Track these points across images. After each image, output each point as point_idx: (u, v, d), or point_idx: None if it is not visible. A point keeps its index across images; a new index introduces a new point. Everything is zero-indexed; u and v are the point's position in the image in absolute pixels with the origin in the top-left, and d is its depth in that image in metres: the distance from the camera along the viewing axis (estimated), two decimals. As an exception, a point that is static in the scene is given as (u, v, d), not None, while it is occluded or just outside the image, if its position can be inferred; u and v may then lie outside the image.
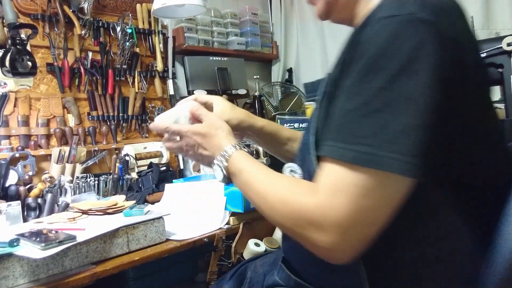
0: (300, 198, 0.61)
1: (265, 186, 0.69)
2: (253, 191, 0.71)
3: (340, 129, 0.58)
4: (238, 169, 0.75)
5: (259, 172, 0.72)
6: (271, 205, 0.66)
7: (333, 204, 0.56)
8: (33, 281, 0.85)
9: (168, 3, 1.53)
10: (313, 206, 0.59)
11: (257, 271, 0.92)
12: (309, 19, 2.43)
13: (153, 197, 1.52)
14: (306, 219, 0.59)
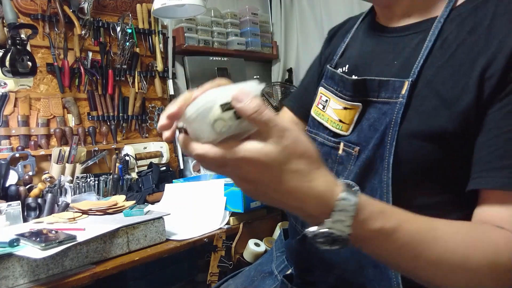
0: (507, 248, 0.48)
1: (454, 253, 0.47)
2: (429, 260, 0.47)
3: None
4: (383, 232, 0.45)
5: (427, 229, 0.48)
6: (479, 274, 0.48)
7: None
8: (33, 281, 0.85)
9: (168, 3, 1.53)
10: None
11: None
12: (309, 19, 2.43)
13: (153, 197, 1.52)
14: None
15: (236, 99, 0.40)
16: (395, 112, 0.58)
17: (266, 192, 0.44)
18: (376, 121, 0.61)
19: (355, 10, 2.13)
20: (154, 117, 1.92)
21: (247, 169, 0.42)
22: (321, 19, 2.33)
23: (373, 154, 0.59)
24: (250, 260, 1.22)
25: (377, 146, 0.59)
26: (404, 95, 0.58)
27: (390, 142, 0.57)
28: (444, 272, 0.47)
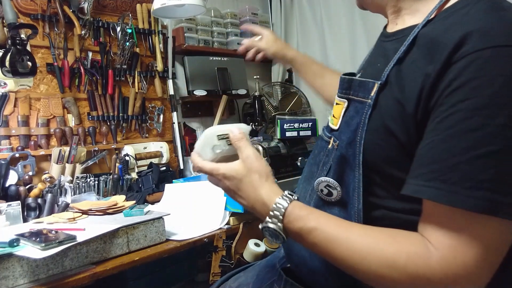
0: (419, 259, 0.53)
1: (361, 248, 0.57)
2: (340, 254, 0.58)
3: (448, 168, 0.51)
4: (305, 229, 0.60)
5: (340, 229, 0.59)
6: (373, 270, 0.56)
7: (463, 259, 0.51)
8: (33, 281, 0.85)
9: (168, 3, 1.53)
10: (437, 265, 0.52)
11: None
12: (309, 19, 2.43)
13: (153, 197, 1.52)
14: (430, 280, 0.52)
15: (230, 131, 0.70)
16: (364, 112, 0.63)
17: (235, 197, 0.70)
18: (350, 119, 0.66)
19: (355, 10, 2.13)
20: (154, 117, 1.92)
21: (223, 180, 0.70)
22: (321, 19, 2.33)
23: (346, 151, 0.65)
24: (250, 260, 1.22)
25: (349, 144, 0.65)
26: (372, 96, 0.62)
27: (359, 141, 0.62)
28: (351, 265, 0.57)
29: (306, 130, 1.77)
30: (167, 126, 1.97)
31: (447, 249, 0.52)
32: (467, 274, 0.51)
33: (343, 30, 2.21)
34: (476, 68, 0.50)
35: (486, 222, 0.50)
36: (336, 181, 0.66)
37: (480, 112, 0.50)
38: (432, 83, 0.54)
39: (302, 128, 1.76)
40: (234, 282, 0.88)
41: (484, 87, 0.50)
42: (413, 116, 0.56)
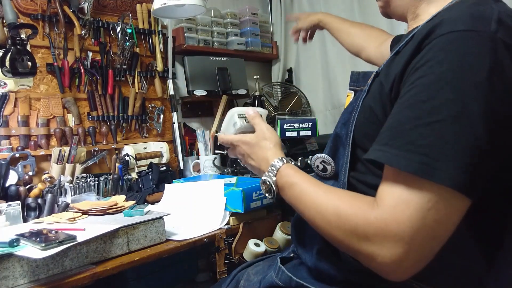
0: (362, 211, 0.59)
1: (318, 200, 0.66)
2: (306, 205, 0.69)
3: (397, 134, 0.56)
4: (288, 183, 0.73)
5: (313, 186, 0.70)
6: (327, 220, 0.64)
7: (396, 217, 0.55)
8: (33, 281, 0.85)
9: (168, 3, 1.53)
10: (375, 219, 0.57)
11: (250, 279, 0.91)
12: (309, 19, 2.42)
13: (153, 197, 1.52)
14: (366, 233, 0.57)
15: (247, 111, 0.92)
16: (360, 96, 0.72)
17: (250, 163, 0.86)
18: (350, 105, 0.75)
19: (355, 10, 2.13)
20: (154, 117, 1.92)
21: (241, 146, 0.87)
22: (321, 19, 2.33)
23: (340, 130, 0.74)
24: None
25: (344, 124, 0.73)
26: (368, 83, 0.72)
27: (352, 121, 0.71)
28: (311, 214, 0.67)
29: (306, 130, 1.77)
30: (167, 126, 1.97)
31: (386, 206, 0.56)
32: (400, 232, 0.54)
33: (343, 30, 2.21)
34: (435, 50, 0.56)
35: (423, 186, 0.54)
36: (330, 157, 0.75)
37: (430, 86, 0.55)
38: (403, 67, 0.60)
39: (302, 128, 1.76)
40: (253, 269, 0.95)
41: (437, 65, 0.55)
42: (388, 95, 0.63)
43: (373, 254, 0.57)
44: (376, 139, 0.60)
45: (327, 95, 2.33)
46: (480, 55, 0.54)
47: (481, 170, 0.53)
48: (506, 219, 0.63)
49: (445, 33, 0.56)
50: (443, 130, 0.53)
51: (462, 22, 0.57)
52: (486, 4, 0.60)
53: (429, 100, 0.54)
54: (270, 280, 0.83)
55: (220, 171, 1.79)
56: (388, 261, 0.55)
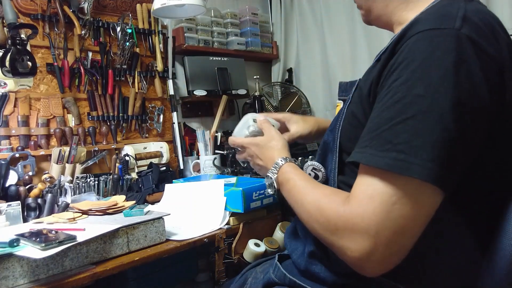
0: (335, 205, 0.62)
1: (305, 194, 0.71)
2: (294, 198, 0.74)
3: (375, 136, 0.59)
4: (285, 179, 0.79)
5: (303, 182, 0.74)
6: (309, 212, 0.68)
7: (363, 211, 0.57)
8: (33, 281, 0.85)
9: (168, 3, 1.53)
10: (344, 213, 0.59)
11: (257, 277, 0.93)
12: (309, 19, 2.43)
13: (153, 197, 1.52)
14: (337, 226, 0.60)
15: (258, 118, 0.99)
16: (346, 104, 0.75)
17: (258, 163, 0.92)
18: (338, 113, 0.78)
19: (355, 10, 2.13)
20: (154, 117, 1.92)
21: (251, 147, 0.93)
22: (321, 19, 2.33)
23: (328, 137, 0.78)
24: (250, 260, 1.22)
25: (331, 131, 0.77)
26: (352, 91, 0.75)
27: (338, 127, 0.74)
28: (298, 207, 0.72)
29: (306, 130, 1.76)
30: (167, 126, 1.97)
31: (355, 200, 0.59)
32: (365, 226, 0.56)
33: (343, 30, 2.21)
34: (406, 52, 0.59)
35: (396, 180, 0.55)
36: (320, 164, 0.79)
37: (402, 86, 0.57)
38: (380, 71, 0.63)
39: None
40: (260, 268, 0.97)
41: (408, 66, 0.57)
42: (367, 99, 0.66)
43: (343, 247, 0.59)
44: (358, 143, 0.62)
45: (327, 95, 2.33)
46: (445, 50, 0.56)
47: (454, 162, 0.54)
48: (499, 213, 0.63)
49: (414, 34, 0.59)
50: (416, 126, 0.55)
51: (429, 22, 0.59)
52: (454, 4, 0.62)
53: (401, 99, 0.56)
54: (268, 277, 0.86)
55: (220, 171, 1.79)
56: (356, 254, 0.57)
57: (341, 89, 0.87)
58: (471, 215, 0.63)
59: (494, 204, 0.63)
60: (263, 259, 1.04)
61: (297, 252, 0.82)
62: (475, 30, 0.58)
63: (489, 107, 0.57)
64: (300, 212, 0.71)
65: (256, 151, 0.92)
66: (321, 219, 0.64)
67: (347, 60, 2.22)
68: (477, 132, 0.57)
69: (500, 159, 0.62)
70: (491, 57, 0.58)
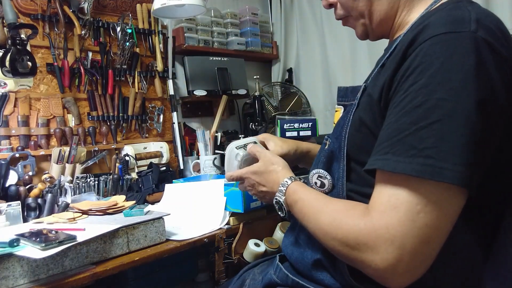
0: (353, 220, 0.60)
1: (318, 212, 0.68)
2: (306, 218, 0.71)
3: (397, 141, 0.57)
4: (294, 200, 0.75)
5: (314, 199, 0.72)
6: (324, 230, 0.65)
7: (387, 222, 0.55)
8: (33, 281, 0.85)
9: (168, 3, 1.53)
10: (365, 226, 0.57)
11: (255, 278, 0.92)
12: (309, 19, 2.43)
13: (153, 197, 1.52)
14: (357, 240, 0.58)
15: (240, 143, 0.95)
16: (351, 110, 0.73)
17: (260, 190, 0.88)
18: (341, 119, 0.77)
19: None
20: (154, 117, 1.92)
21: (251, 177, 0.89)
22: (321, 19, 2.33)
23: (333, 145, 0.75)
24: (250, 260, 1.22)
25: (336, 138, 0.75)
26: (358, 96, 0.73)
27: (344, 135, 0.72)
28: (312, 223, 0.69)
29: (306, 130, 1.77)
30: (167, 126, 1.97)
31: (377, 211, 0.57)
32: (391, 237, 0.54)
33: (343, 30, 2.21)
34: (421, 56, 0.58)
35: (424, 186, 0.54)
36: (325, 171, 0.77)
37: (422, 90, 0.56)
38: (391, 76, 0.62)
39: (302, 128, 1.76)
40: (258, 269, 0.96)
41: (426, 70, 0.57)
42: (377, 103, 0.65)
43: (366, 261, 0.57)
44: (375, 150, 0.61)
45: (327, 95, 2.34)
46: (464, 53, 0.56)
47: (480, 164, 0.54)
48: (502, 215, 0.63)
49: (428, 38, 0.58)
50: (442, 130, 0.54)
51: (442, 25, 0.59)
52: (463, 8, 0.62)
53: (423, 104, 0.56)
54: (269, 277, 0.85)
55: (220, 171, 1.79)
56: (381, 267, 0.55)
57: (340, 94, 0.84)
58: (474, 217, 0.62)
59: (497, 205, 0.63)
60: (260, 260, 1.04)
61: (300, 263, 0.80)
62: (489, 33, 0.58)
63: (506, 108, 0.57)
64: (315, 231, 0.68)
65: (257, 178, 0.88)
66: (339, 235, 0.61)
67: (347, 60, 2.22)
68: (497, 133, 0.57)
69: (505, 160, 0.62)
70: (504, 58, 0.58)
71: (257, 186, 0.88)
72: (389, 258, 0.55)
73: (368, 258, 0.57)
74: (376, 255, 0.56)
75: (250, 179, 0.89)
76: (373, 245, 0.56)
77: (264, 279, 0.87)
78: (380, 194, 0.58)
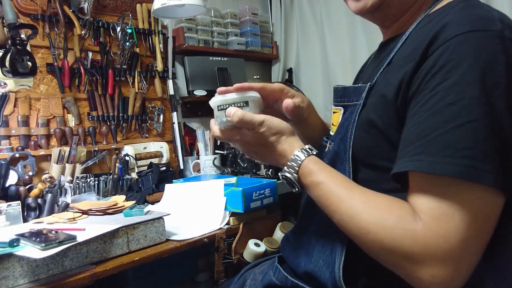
0: (404, 224, 0.55)
1: (353, 205, 0.61)
2: (338, 209, 0.62)
3: (430, 141, 0.54)
4: (313, 183, 0.66)
5: (343, 187, 0.63)
6: (367, 229, 0.58)
7: (446, 232, 0.52)
8: (33, 281, 0.85)
9: (168, 3, 1.53)
10: (422, 234, 0.53)
11: (256, 278, 0.91)
12: (309, 19, 2.43)
13: (153, 197, 1.52)
14: (413, 250, 0.53)
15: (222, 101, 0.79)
16: (355, 111, 0.69)
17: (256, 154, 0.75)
18: (345, 120, 0.72)
19: (355, 10, 2.13)
20: (154, 117, 1.92)
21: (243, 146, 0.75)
22: (321, 19, 2.33)
23: (338, 147, 0.72)
24: (250, 260, 1.22)
25: (341, 140, 0.71)
26: (363, 97, 0.69)
27: (350, 136, 0.69)
28: (345, 220, 0.61)
29: (306, 130, 1.76)
30: (167, 126, 1.97)
31: (430, 217, 0.53)
32: (450, 247, 0.51)
33: (343, 30, 2.21)
34: (448, 54, 0.56)
35: (468, 189, 0.52)
36: None
37: (454, 88, 0.54)
38: (411, 75, 0.60)
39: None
40: (259, 269, 0.94)
41: (456, 68, 0.55)
42: (393, 103, 0.62)
43: (421, 273, 0.53)
44: (404, 151, 0.57)
45: (327, 95, 2.33)
46: (494, 52, 0.55)
47: (510, 165, 0.53)
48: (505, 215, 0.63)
49: (454, 36, 0.57)
50: (479, 130, 0.52)
51: (467, 23, 0.57)
52: (480, 7, 0.61)
53: (457, 102, 0.53)
54: (269, 279, 0.85)
55: (220, 171, 1.79)
56: (438, 281, 0.52)
57: (338, 94, 0.77)
58: None
59: None
60: (261, 260, 1.03)
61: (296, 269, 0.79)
62: None
63: None
64: (349, 226, 0.61)
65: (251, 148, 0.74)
66: (386, 240, 0.55)
67: (347, 60, 2.22)
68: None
69: None
70: None
71: (253, 153, 0.75)
72: (447, 272, 0.52)
73: (424, 272, 0.53)
74: (434, 268, 0.52)
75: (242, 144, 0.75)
76: (432, 257, 0.52)
77: (264, 280, 0.86)
78: (426, 198, 0.54)
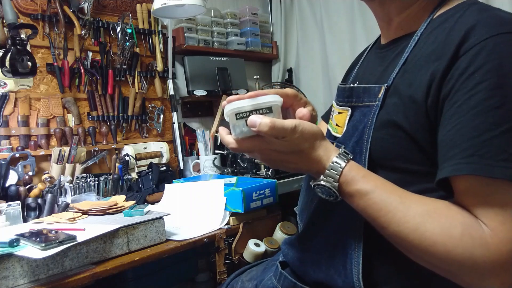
0: (468, 231, 0.52)
1: (415, 215, 0.56)
2: (393, 221, 0.57)
3: (482, 143, 0.53)
4: (359, 192, 0.59)
5: (395, 195, 0.58)
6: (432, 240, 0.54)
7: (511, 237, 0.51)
8: (33, 281, 0.85)
9: (168, 3, 1.53)
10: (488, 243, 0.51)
11: (245, 286, 0.89)
12: (309, 19, 2.43)
13: (153, 197, 1.52)
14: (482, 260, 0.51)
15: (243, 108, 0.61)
16: (371, 113, 0.66)
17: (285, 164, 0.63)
18: (358, 122, 0.69)
19: (355, 11, 2.13)
20: (154, 117, 1.92)
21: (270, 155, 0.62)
22: (321, 19, 2.33)
23: (353, 150, 0.67)
24: (250, 260, 1.22)
25: (356, 143, 0.67)
26: (379, 98, 0.66)
27: (367, 139, 0.65)
28: (404, 232, 0.56)
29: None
30: (167, 126, 1.97)
31: (497, 223, 0.51)
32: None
33: (343, 30, 2.21)
34: (486, 54, 0.55)
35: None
36: None
37: (498, 91, 0.53)
38: (442, 75, 0.58)
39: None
40: (246, 276, 0.92)
41: (495, 69, 0.54)
42: (422, 105, 0.60)
43: (491, 283, 0.52)
44: (450, 153, 0.56)
45: (327, 95, 2.33)
46: None
47: None
48: None
49: (489, 37, 0.56)
50: None
51: (501, 25, 0.57)
52: (497, 9, 0.62)
53: (503, 105, 0.53)
54: (271, 286, 0.81)
55: (220, 171, 1.79)
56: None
57: (344, 94, 0.73)
58: None
59: None
60: (246, 267, 1.00)
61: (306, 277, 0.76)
62: None
63: None
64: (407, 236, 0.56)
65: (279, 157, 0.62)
66: (458, 250, 0.52)
67: (347, 60, 2.21)
68: None
69: None
70: None
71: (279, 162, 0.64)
72: None
73: (490, 280, 0.52)
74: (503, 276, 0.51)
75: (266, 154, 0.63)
76: (501, 264, 0.51)
77: (262, 286, 0.83)
78: (485, 203, 0.53)
